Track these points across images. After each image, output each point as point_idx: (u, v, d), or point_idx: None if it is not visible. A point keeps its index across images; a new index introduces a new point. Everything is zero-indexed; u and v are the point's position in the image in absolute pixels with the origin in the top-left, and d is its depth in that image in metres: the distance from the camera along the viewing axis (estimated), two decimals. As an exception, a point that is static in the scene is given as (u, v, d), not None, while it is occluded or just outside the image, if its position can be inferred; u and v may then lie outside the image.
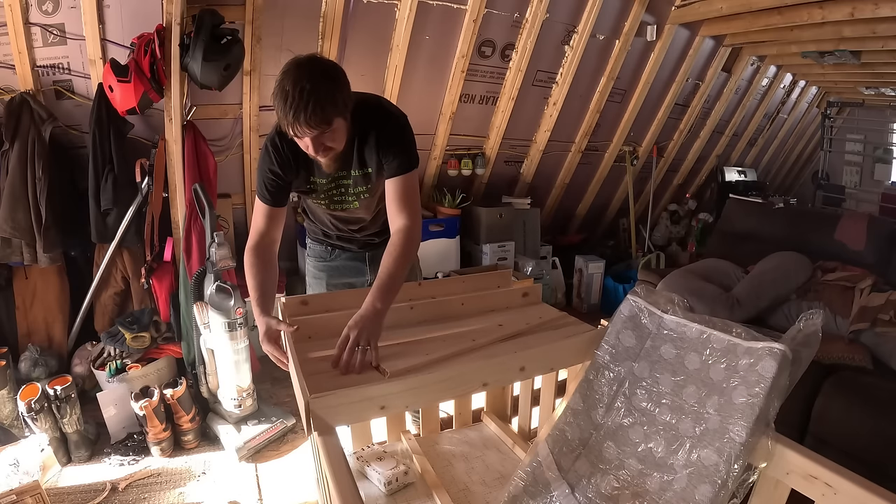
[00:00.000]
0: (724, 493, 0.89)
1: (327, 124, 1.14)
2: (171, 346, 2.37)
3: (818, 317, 0.95)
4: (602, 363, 1.14)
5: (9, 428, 1.98)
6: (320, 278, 1.62)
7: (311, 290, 1.63)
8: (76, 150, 2.40)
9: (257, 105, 2.69)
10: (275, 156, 1.30)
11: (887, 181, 6.27)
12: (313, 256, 1.63)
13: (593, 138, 3.90)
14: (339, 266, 1.60)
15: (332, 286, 1.60)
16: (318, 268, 1.62)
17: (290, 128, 1.13)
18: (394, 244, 1.25)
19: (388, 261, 1.22)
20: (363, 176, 1.36)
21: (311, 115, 1.09)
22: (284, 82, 1.10)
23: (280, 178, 1.32)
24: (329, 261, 1.61)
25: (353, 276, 1.61)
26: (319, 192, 1.40)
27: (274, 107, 1.13)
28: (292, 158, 1.31)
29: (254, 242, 1.34)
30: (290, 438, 2.15)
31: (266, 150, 1.32)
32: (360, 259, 1.61)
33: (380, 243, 1.55)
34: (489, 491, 1.30)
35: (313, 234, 1.61)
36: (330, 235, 1.57)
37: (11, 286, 2.34)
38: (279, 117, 1.14)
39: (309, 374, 1.02)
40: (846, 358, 1.91)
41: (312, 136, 1.15)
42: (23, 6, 2.08)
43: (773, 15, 2.98)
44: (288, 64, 1.14)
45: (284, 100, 1.09)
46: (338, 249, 1.59)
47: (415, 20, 2.70)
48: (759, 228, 2.83)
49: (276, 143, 1.30)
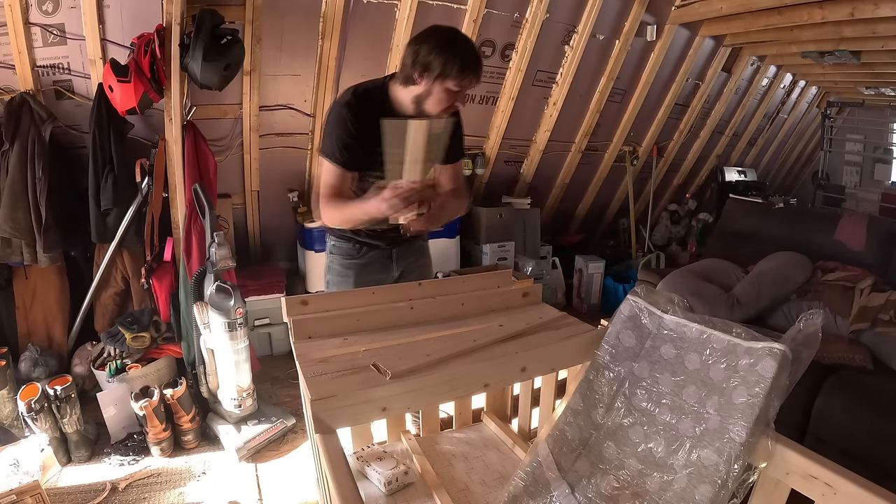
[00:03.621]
0: (724, 493, 0.89)
1: (479, 80, 1.33)
2: (171, 346, 2.37)
3: (818, 317, 0.95)
4: (602, 363, 1.14)
5: (9, 428, 1.98)
6: (347, 276, 1.61)
7: (334, 289, 1.63)
8: (76, 150, 2.40)
9: (257, 105, 2.69)
10: (351, 120, 1.36)
11: (887, 181, 6.27)
12: (339, 254, 1.62)
13: (593, 138, 3.91)
14: (367, 263, 1.61)
15: (359, 284, 1.60)
16: (345, 265, 1.62)
17: (461, 81, 1.29)
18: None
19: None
20: None
21: (479, 67, 1.31)
22: (450, 38, 1.29)
23: (355, 140, 1.37)
24: (357, 258, 1.61)
25: (380, 274, 1.62)
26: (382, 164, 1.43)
27: (422, 57, 1.27)
28: (368, 124, 1.34)
29: (332, 194, 1.40)
30: (290, 438, 2.15)
31: (341, 116, 1.37)
32: (387, 256, 1.63)
33: (407, 240, 1.61)
34: (489, 491, 1.30)
35: (339, 232, 1.60)
36: (359, 233, 1.57)
37: (11, 286, 2.34)
38: (440, 65, 1.26)
39: (310, 377, 1.02)
40: (846, 358, 1.90)
41: (468, 87, 1.32)
42: (23, 6, 2.08)
43: (773, 15, 2.98)
44: (438, 26, 1.34)
45: (454, 50, 1.27)
46: (365, 247, 1.60)
47: (415, 20, 2.70)
48: (759, 228, 2.83)
49: (353, 107, 1.36)
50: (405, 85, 1.36)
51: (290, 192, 3.10)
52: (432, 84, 1.31)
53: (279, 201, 3.10)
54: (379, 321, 1.29)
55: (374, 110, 1.35)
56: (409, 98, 1.37)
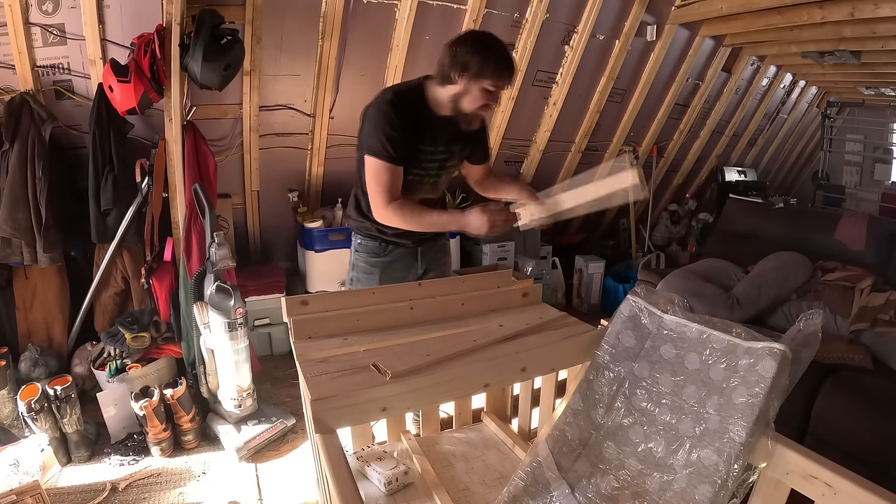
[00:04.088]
0: (724, 493, 0.89)
1: (511, 83, 1.47)
2: (171, 346, 2.37)
3: (818, 317, 0.95)
4: (602, 363, 1.14)
5: (9, 428, 1.98)
6: (372, 273, 1.65)
7: (358, 286, 1.66)
8: (76, 150, 2.40)
9: (257, 105, 2.69)
10: (396, 117, 1.41)
11: (887, 181, 6.27)
12: (365, 252, 1.65)
13: (593, 138, 3.90)
14: (393, 262, 1.65)
15: (384, 281, 1.64)
16: (372, 263, 1.65)
17: (497, 80, 1.38)
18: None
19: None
20: (459, 152, 1.59)
21: (513, 69, 1.41)
22: (486, 41, 1.38)
23: (402, 136, 1.42)
24: (383, 256, 1.64)
25: (404, 271, 1.66)
26: (422, 162, 1.51)
27: (461, 57, 1.36)
28: (412, 122, 1.44)
29: (392, 197, 1.45)
30: (290, 438, 2.15)
31: (386, 113, 1.41)
32: (412, 254, 1.67)
33: (432, 238, 1.69)
34: (489, 491, 1.30)
35: (365, 231, 1.63)
36: (385, 231, 1.60)
37: (11, 286, 2.34)
38: (477, 65, 1.35)
39: (310, 377, 1.02)
40: (846, 358, 1.90)
41: (502, 87, 1.41)
42: (23, 6, 2.08)
43: (773, 15, 2.98)
44: (476, 31, 1.53)
45: (490, 52, 1.37)
46: (391, 245, 1.63)
47: (415, 20, 2.70)
48: (759, 228, 2.83)
49: (395, 105, 1.42)
50: (442, 84, 1.44)
51: (290, 192, 3.10)
52: (469, 83, 1.39)
53: (279, 201, 3.10)
54: (379, 321, 1.29)
55: (414, 109, 1.45)
56: (446, 97, 1.44)
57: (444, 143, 1.53)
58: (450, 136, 1.52)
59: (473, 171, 1.71)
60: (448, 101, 1.44)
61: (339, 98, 2.84)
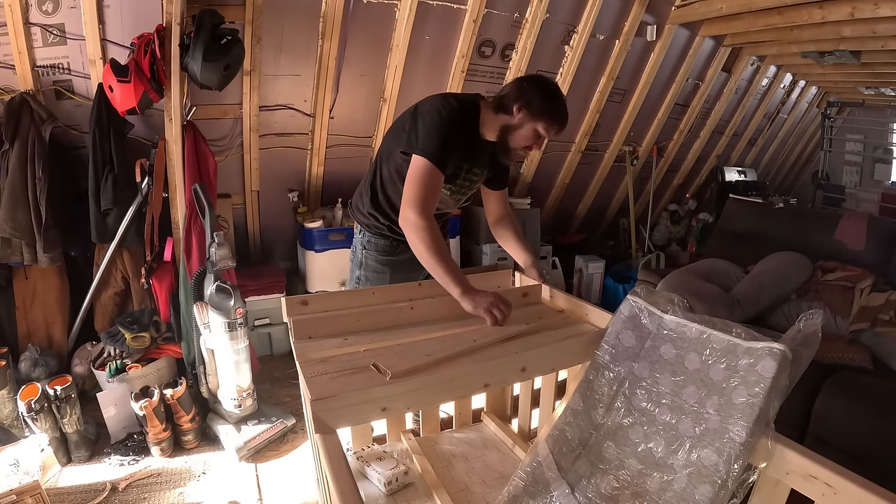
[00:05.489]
0: (724, 493, 0.89)
1: (559, 134, 1.46)
2: (171, 346, 2.37)
3: (818, 317, 0.95)
4: (602, 363, 1.14)
5: (9, 428, 1.98)
6: (383, 272, 1.65)
7: (367, 284, 1.65)
8: (76, 150, 2.40)
9: (257, 105, 2.69)
10: (459, 129, 1.42)
11: (887, 181, 6.27)
12: (376, 251, 1.65)
13: (593, 138, 3.90)
14: (404, 260, 1.64)
15: (394, 280, 1.63)
16: (382, 262, 1.65)
17: (551, 126, 1.40)
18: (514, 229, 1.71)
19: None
20: (486, 175, 1.62)
21: (566, 123, 1.43)
22: (554, 90, 1.43)
23: (457, 148, 1.42)
24: (394, 255, 1.64)
25: (413, 271, 1.64)
26: (457, 178, 1.52)
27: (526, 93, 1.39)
28: (467, 137, 1.45)
29: (429, 206, 1.37)
30: (290, 438, 2.15)
31: (450, 123, 1.39)
32: None
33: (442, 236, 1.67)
34: (489, 491, 1.30)
35: (377, 230, 1.63)
36: (398, 231, 1.57)
37: (11, 286, 2.34)
38: (539, 105, 1.38)
39: (310, 377, 1.02)
40: (846, 358, 1.90)
41: (550, 135, 1.43)
42: (23, 6, 2.08)
43: (773, 15, 2.98)
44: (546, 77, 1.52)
45: (554, 98, 1.41)
46: (402, 243, 1.61)
47: (415, 20, 2.70)
48: (759, 228, 2.83)
49: (462, 117, 1.42)
50: (497, 112, 1.44)
51: (290, 192, 3.10)
52: (525, 119, 1.40)
53: (279, 201, 3.11)
54: (379, 321, 1.29)
55: (470, 125, 1.46)
56: (497, 125, 1.45)
57: (480, 165, 1.55)
58: (486, 160, 1.55)
59: (490, 198, 1.72)
60: (497, 129, 1.45)
61: (338, 98, 2.84)
